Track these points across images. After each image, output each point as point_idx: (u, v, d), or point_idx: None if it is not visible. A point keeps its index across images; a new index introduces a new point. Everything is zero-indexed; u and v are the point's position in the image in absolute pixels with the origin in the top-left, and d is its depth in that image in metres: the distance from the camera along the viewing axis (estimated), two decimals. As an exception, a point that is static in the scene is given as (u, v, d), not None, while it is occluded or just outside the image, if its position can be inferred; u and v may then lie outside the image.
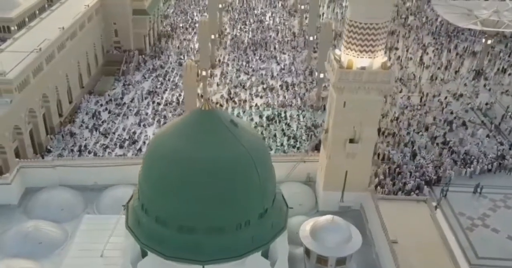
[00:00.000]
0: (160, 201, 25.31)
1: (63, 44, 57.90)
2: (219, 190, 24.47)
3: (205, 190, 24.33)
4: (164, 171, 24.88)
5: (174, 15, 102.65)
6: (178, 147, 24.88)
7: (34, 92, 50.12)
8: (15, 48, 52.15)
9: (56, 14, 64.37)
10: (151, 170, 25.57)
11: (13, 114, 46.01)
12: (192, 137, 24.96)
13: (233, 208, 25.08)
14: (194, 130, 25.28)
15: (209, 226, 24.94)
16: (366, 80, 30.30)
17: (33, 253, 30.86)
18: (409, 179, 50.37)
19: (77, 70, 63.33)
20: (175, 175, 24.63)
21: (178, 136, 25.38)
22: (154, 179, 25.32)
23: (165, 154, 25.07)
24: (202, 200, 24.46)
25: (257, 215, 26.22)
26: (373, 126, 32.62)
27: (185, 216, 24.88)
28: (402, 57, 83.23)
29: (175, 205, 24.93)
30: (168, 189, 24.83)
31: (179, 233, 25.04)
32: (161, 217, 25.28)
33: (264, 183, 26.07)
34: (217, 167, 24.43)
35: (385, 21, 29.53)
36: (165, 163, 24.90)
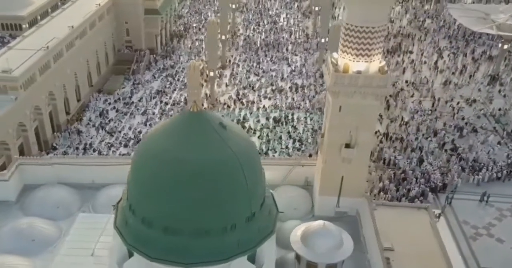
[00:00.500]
0: (146, 202, 25.35)
1: (72, 42, 58.65)
2: (204, 192, 24.37)
3: (190, 192, 24.27)
4: (150, 172, 24.94)
5: (189, 15, 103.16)
6: (164, 148, 24.89)
7: (40, 89, 50.86)
8: (24, 46, 53.03)
9: (67, 12, 65.27)
10: (138, 170, 25.65)
11: (17, 111, 46.77)
12: (179, 139, 24.92)
13: (219, 211, 24.94)
14: (182, 131, 25.24)
15: (194, 228, 24.85)
16: (362, 85, 29.91)
17: (26, 250, 31.19)
18: (414, 185, 49.66)
19: (86, 69, 64.08)
20: (160, 176, 24.64)
21: (166, 138, 25.39)
22: (141, 180, 25.40)
23: (152, 155, 25.12)
24: (187, 202, 24.40)
25: (244, 219, 26.05)
26: (369, 131, 32.23)
27: (170, 217, 24.85)
28: (416, 60, 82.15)
29: (160, 206, 24.94)
30: (154, 190, 24.86)
31: (165, 234, 25.02)
32: (147, 218, 25.31)
33: (251, 187, 25.89)
34: (203, 170, 24.34)
35: (382, 25, 29.10)
36: (151, 164, 24.95)
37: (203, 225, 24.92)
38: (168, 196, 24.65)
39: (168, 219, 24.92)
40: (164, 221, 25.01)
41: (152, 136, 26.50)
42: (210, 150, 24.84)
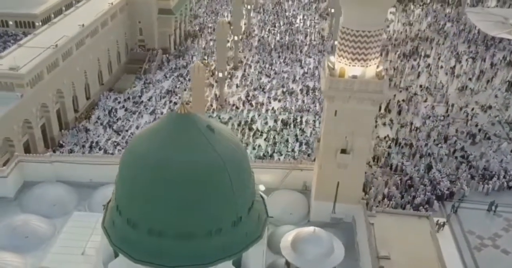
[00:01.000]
0: (131, 202, 25.38)
1: (82, 41, 59.39)
2: (188, 195, 24.26)
3: (174, 195, 24.18)
4: (135, 173, 24.95)
5: (205, 15, 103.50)
6: (150, 149, 24.85)
7: (47, 87, 51.62)
8: (34, 44, 53.91)
9: (80, 11, 66.18)
10: (124, 171, 25.69)
11: (23, 109, 47.53)
12: (165, 141, 24.89)
13: (203, 214, 24.81)
14: (168, 133, 25.20)
15: (178, 231, 24.75)
16: (358, 89, 29.43)
17: (19, 247, 31.50)
18: (420, 192, 48.77)
19: (96, 67, 64.83)
20: (145, 178, 24.63)
21: (152, 139, 25.37)
22: (126, 180, 25.42)
23: (137, 156, 25.13)
24: (171, 205, 24.32)
25: (230, 223, 25.87)
26: (365, 136, 31.65)
27: (154, 219, 24.80)
28: (433, 65, 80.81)
29: (144, 207, 24.92)
30: (139, 191, 24.86)
31: (149, 236, 24.97)
32: (132, 219, 25.30)
33: (238, 191, 25.67)
34: (187, 172, 24.22)
35: (378, 29, 28.59)
36: (136, 165, 24.96)
37: (187, 228, 24.81)
38: (152, 197, 24.61)
39: (152, 221, 24.88)
40: (148, 223, 24.98)
41: (139, 138, 26.53)
42: (196, 152, 24.72)
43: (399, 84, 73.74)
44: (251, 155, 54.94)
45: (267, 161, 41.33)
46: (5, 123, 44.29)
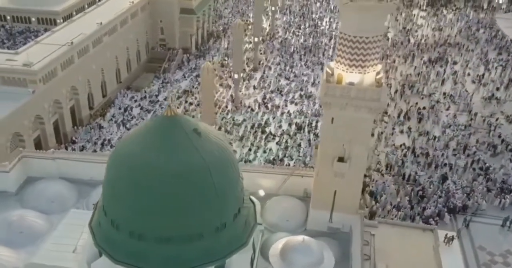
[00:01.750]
0: (114, 204, 25.52)
1: (100, 39, 60.30)
2: (170, 199, 24.19)
3: (155, 198, 24.16)
4: (118, 174, 25.05)
5: (230, 15, 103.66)
6: (134, 152, 24.88)
7: (61, 84, 52.60)
8: (50, 41, 55.06)
9: (100, 9, 67.30)
10: (109, 171, 25.79)
11: (35, 104, 48.56)
12: (149, 143, 24.88)
13: (184, 219, 24.65)
14: (153, 136, 25.19)
15: (158, 235, 24.72)
16: (355, 97, 28.72)
17: (12, 242, 32.04)
18: (431, 204, 47.40)
19: (114, 65, 65.71)
20: (127, 180, 24.67)
21: (137, 141, 25.40)
22: (111, 182, 25.53)
23: (121, 157, 25.24)
24: (152, 208, 24.27)
25: (213, 229, 25.65)
26: (363, 145, 30.87)
27: (135, 222, 24.83)
28: (459, 72, 78.61)
29: (126, 210, 24.98)
30: (121, 193, 24.94)
31: (130, 238, 25.02)
32: (115, 221, 25.44)
33: (222, 197, 25.41)
34: (169, 176, 24.13)
35: (377, 35, 27.78)
36: (120, 167, 25.06)
37: (167, 232, 24.73)
38: (134, 200, 24.60)
39: (133, 223, 24.91)
40: (129, 225, 25.02)
41: (126, 139, 26.63)
42: (180, 156, 24.60)
43: (421, 91, 72.05)
44: (261, 159, 54.65)
45: (268, 166, 40.87)
46: (15, 118, 45.32)
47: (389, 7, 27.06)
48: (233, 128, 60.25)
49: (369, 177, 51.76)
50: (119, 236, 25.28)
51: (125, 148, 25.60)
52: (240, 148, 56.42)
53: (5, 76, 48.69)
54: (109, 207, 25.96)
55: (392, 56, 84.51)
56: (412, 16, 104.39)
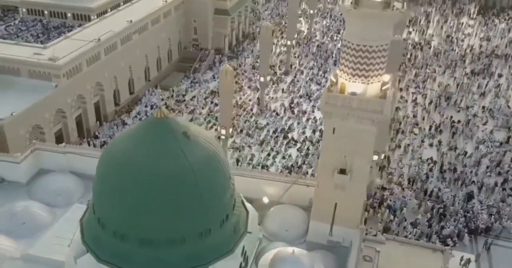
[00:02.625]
0: (101, 203, 26.03)
1: (129, 36, 61.58)
2: (153, 201, 24.36)
3: (138, 199, 24.37)
4: (106, 173, 25.53)
5: (269, 17, 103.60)
6: (122, 151, 25.28)
7: (86, 79, 54.08)
8: (79, 37, 56.73)
9: (134, 7, 68.81)
10: (98, 170, 26.28)
11: (57, 98, 50.11)
12: (137, 144, 25.17)
13: (166, 222, 24.76)
14: (142, 137, 25.44)
15: (140, 236, 24.99)
16: (356, 107, 27.95)
17: (14, 232, 33.12)
18: (451, 223, 45.59)
19: (143, 63, 66.93)
20: (112, 180, 25.09)
21: (127, 142, 25.79)
22: (99, 180, 26.03)
23: (109, 157, 25.75)
24: (134, 209, 24.57)
25: (196, 234, 25.67)
26: (365, 158, 29.99)
27: (118, 222, 25.21)
28: (504, 85, 75.38)
29: (111, 209, 25.44)
30: (106, 192, 25.40)
31: (114, 238, 25.40)
32: (101, 219, 25.91)
33: (208, 202, 25.34)
34: (153, 178, 24.31)
35: (382, 45, 26.97)
36: (106, 166, 25.54)
37: (149, 234, 24.96)
38: (118, 200, 24.99)
39: (117, 224, 25.29)
40: (113, 225, 25.42)
41: (118, 139, 27.14)
42: (165, 158, 24.73)
43: (459, 103, 69.54)
44: (279, 164, 54.20)
45: (271, 173, 40.58)
46: (36, 111, 46.89)
47: (394, 16, 26.20)
48: (255, 131, 60.15)
49: (389, 190, 50.47)
50: (105, 235, 25.69)
51: (115, 147, 26.04)
52: (259, 152, 56.21)
53: (31, 70, 50.62)
54: (97, 206, 26.47)
55: (432, 65, 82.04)
56: (459, 24, 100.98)
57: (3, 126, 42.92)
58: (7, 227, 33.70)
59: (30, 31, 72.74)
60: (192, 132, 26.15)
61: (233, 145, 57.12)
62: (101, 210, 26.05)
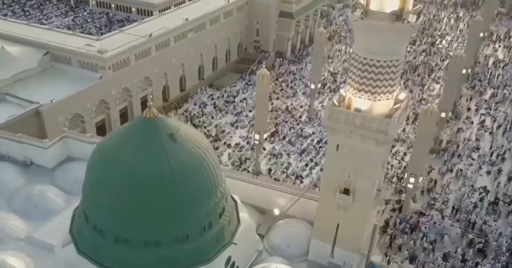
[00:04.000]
0: (85, 196, 26.79)
1: (184, 34, 62.90)
2: (127, 201, 24.75)
3: (115, 198, 24.92)
4: (90, 167, 26.27)
5: (343, 23, 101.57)
6: (106, 149, 26.10)
7: (133, 73, 55.99)
8: (134, 31, 58.83)
9: (196, 5, 70.19)
10: (86, 165, 26.96)
11: (101, 89, 52.37)
12: (122, 143, 25.81)
13: (139, 223, 25.03)
14: (128, 136, 25.98)
15: (116, 234, 25.48)
16: (360, 125, 26.54)
17: (26, 214, 35.03)
18: (489, 260, 42.04)
19: (198, 62, 68.05)
20: (94, 175, 25.90)
21: (114, 139, 26.66)
22: (86, 174, 26.69)
23: (96, 152, 26.43)
24: (111, 206, 25.16)
25: (172, 239, 25.74)
26: (369, 180, 28.35)
27: (97, 217, 25.96)
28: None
29: (91, 203, 26.28)
30: (90, 186, 26.26)
31: (94, 232, 26.08)
32: (86, 212, 26.72)
33: (186, 207, 25.34)
34: (131, 178, 24.64)
35: (391, 60, 25.33)
36: (92, 161, 26.24)
37: (124, 232, 25.37)
38: (98, 195, 25.76)
39: (95, 218, 25.99)
40: (94, 219, 26.14)
41: (109, 135, 27.85)
42: (146, 159, 24.93)
43: (532, 125, 64.16)
44: (314, 176, 52.79)
45: (288, 185, 39.71)
46: (77, 100, 49.28)
47: (404, 30, 24.51)
48: (297, 140, 59.17)
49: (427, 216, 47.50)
50: (86, 228, 26.42)
51: (104, 143, 26.71)
52: (296, 162, 55.21)
53: (80, 60, 53.40)
54: (83, 199, 27.30)
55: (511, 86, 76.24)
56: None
57: (42, 112, 45.59)
58: (22, 208, 35.74)
59: (95, 23, 76.94)
60: (181, 135, 26.11)
61: (271, 151, 56.57)
62: (85, 204, 26.83)
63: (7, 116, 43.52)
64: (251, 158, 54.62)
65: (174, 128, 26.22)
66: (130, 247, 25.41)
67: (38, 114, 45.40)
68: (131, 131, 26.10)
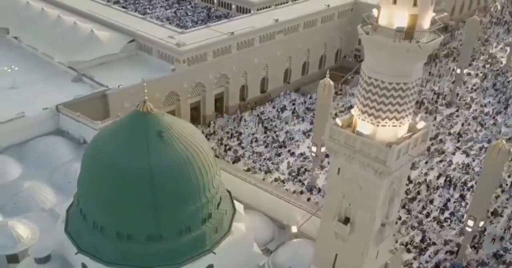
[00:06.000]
0: (80, 194, 28.00)
1: (271, 35, 62.93)
2: (107, 193, 26.00)
3: (98, 190, 26.29)
4: (82, 162, 27.50)
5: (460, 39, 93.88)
6: (97, 140, 27.49)
7: (209, 69, 57.58)
8: (219, 28, 60.35)
9: (296, 6, 69.92)
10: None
11: (173, 81, 54.65)
12: (112, 135, 27.30)
13: (111, 215, 25.93)
14: (119, 129, 27.33)
15: (93, 222, 26.56)
16: (359, 150, 24.56)
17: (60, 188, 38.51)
18: None
19: (284, 65, 67.73)
20: (84, 169, 27.12)
21: (107, 131, 28.14)
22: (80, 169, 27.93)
23: (89, 145, 27.83)
24: (93, 198, 26.59)
25: (144, 236, 26.33)
26: (368, 212, 26.10)
27: (83, 204, 27.30)
28: None
29: (79, 190, 27.53)
30: (79, 180, 27.50)
31: (82, 219, 27.57)
32: (82, 211, 27.78)
33: (160, 206, 25.64)
34: (112, 172, 25.72)
35: (398, 82, 23.00)
36: (85, 155, 27.45)
37: (100, 223, 26.40)
38: (82, 185, 27.30)
39: (83, 205, 27.29)
40: (80, 205, 27.48)
41: (105, 127, 29.06)
42: (128, 153, 25.84)
43: None
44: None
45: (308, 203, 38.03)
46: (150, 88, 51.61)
47: (412, 50, 22.00)
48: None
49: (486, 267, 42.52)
50: (77, 211, 27.85)
51: (98, 135, 28.16)
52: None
53: (160, 51, 56.26)
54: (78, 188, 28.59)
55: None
56: None
57: (108, 95, 48.95)
58: (58, 182, 39.00)
59: (194, 17, 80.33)
60: (172, 133, 26.42)
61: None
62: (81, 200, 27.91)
63: (75, 95, 47.35)
64: (311, 171, 53.22)
65: (166, 126, 26.57)
66: (105, 237, 26.34)
67: (104, 97, 48.87)
68: (124, 124, 27.13)
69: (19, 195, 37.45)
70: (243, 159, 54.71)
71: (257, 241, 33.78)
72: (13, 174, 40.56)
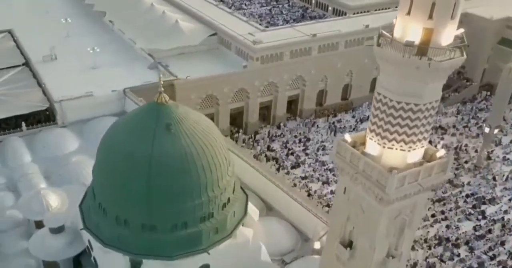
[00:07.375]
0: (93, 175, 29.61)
1: (359, 40, 60.97)
2: (110, 178, 27.49)
3: (104, 176, 28.11)
4: (97, 151, 28.95)
5: None
6: (113, 130, 28.97)
7: (284, 69, 57.28)
8: (303, 29, 59.77)
9: (391, 14, 66.81)
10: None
11: (243, 78, 55.24)
12: (126, 123, 28.74)
13: (114, 201, 27.51)
14: (133, 118, 28.70)
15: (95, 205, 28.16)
16: (362, 171, 23.19)
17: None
18: None
19: (372, 73, 64.54)
20: (99, 154, 28.69)
21: (123, 121, 29.54)
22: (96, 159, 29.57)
23: (107, 131, 29.19)
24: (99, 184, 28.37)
25: (138, 226, 27.39)
26: (369, 239, 24.48)
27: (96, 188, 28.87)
28: None
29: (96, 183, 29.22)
30: (95, 165, 29.25)
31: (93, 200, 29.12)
32: (94, 191, 29.49)
33: (155, 198, 26.43)
34: (117, 159, 27.17)
35: (408, 102, 21.26)
36: (101, 141, 28.92)
37: (104, 204, 28.09)
38: (95, 169, 29.05)
39: (95, 186, 28.95)
40: (94, 186, 29.08)
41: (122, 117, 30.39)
42: (133, 142, 26.99)
43: None
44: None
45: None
46: (214, 82, 53.16)
47: (422, 68, 20.19)
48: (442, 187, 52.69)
49: None
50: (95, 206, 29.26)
51: (115, 124, 29.41)
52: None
53: (237, 46, 57.19)
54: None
55: None
56: None
57: (175, 84, 50.77)
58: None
59: (287, 16, 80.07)
60: (182, 128, 26.92)
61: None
62: (94, 180, 29.58)
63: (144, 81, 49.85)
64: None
65: (177, 119, 27.06)
66: (107, 219, 27.71)
67: (172, 86, 50.85)
68: (138, 114, 28.31)
69: (66, 167, 40.56)
70: (303, 166, 53.95)
71: (274, 250, 33.39)
72: (69, 148, 44.02)
